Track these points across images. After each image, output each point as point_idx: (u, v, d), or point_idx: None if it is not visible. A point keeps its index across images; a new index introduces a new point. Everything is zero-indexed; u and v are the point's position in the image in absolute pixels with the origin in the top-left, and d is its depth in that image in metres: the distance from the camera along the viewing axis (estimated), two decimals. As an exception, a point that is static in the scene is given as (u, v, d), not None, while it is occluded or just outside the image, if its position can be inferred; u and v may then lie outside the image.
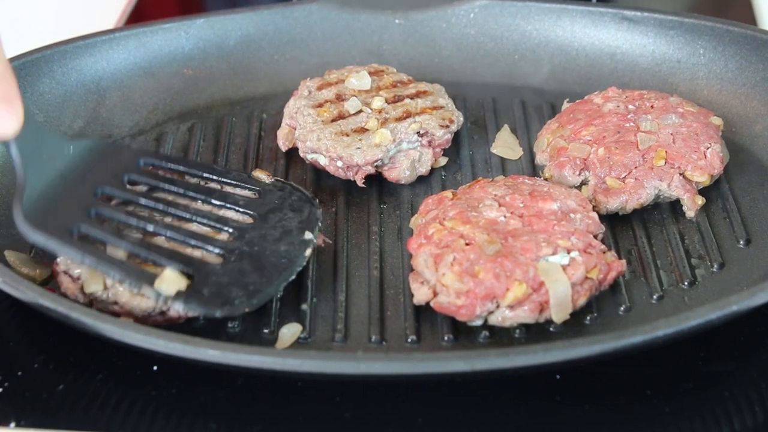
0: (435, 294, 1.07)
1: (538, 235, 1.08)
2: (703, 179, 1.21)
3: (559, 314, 1.05)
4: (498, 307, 1.05)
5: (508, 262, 1.05)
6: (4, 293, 1.05)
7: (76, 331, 1.03)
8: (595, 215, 1.15)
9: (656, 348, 1.00)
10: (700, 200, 1.20)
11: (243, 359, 0.96)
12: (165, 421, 1.01)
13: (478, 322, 1.06)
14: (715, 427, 1.00)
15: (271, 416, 1.01)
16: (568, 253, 1.07)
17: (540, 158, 1.28)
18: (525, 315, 1.05)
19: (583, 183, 1.22)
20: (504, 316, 1.05)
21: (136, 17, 1.76)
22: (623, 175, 1.20)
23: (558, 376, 1.04)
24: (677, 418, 1.01)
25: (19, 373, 1.05)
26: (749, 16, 1.67)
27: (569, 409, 1.02)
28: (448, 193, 1.18)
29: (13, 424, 1.00)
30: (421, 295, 1.08)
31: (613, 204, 1.19)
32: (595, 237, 1.13)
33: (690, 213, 1.20)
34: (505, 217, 1.12)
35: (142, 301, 1.04)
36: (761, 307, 1.02)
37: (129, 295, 1.04)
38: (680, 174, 1.20)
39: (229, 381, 1.03)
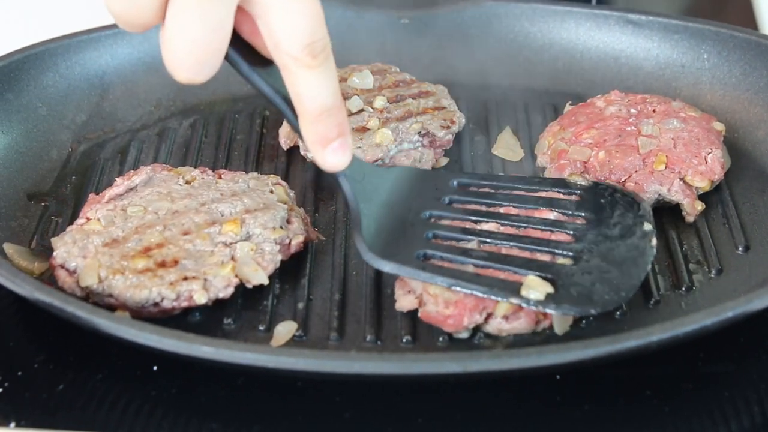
0: (421, 303, 1.06)
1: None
2: (703, 184, 1.21)
3: (561, 326, 1.05)
4: (489, 317, 1.04)
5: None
6: (3, 293, 1.06)
7: (76, 331, 1.03)
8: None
9: (655, 350, 1.00)
10: (700, 205, 1.20)
11: (236, 356, 0.96)
12: (165, 421, 1.01)
13: (465, 335, 1.05)
14: (715, 427, 1.00)
15: (271, 416, 1.01)
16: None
17: (541, 160, 1.28)
18: (521, 326, 1.04)
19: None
20: (500, 328, 1.04)
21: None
22: (623, 179, 1.20)
23: (558, 377, 1.03)
24: (677, 419, 1.00)
25: (19, 373, 1.05)
26: (749, 17, 1.67)
27: (569, 409, 1.02)
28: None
29: (13, 424, 0.99)
30: (405, 302, 1.07)
31: (614, 207, 1.19)
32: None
33: (689, 218, 1.20)
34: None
35: (136, 292, 1.04)
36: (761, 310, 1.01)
37: (122, 287, 1.04)
38: (680, 179, 1.20)
39: (229, 381, 1.03)
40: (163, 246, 1.08)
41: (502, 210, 1.13)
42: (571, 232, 1.09)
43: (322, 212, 1.23)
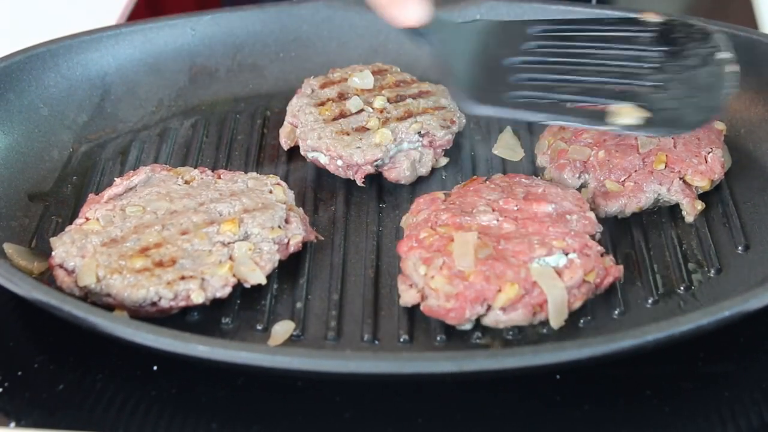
0: (423, 297, 1.06)
1: (531, 237, 1.08)
2: (703, 184, 1.20)
3: (557, 319, 1.05)
4: (489, 309, 1.04)
5: (499, 263, 1.05)
6: (3, 294, 1.06)
7: (76, 331, 1.04)
8: (592, 215, 1.14)
9: (653, 350, 0.99)
10: (700, 205, 1.20)
11: (232, 355, 0.96)
12: (165, 421, 1.01)
13: (468, 327, 1.06)
14: (715, 427, 1.00)
15: (271, 416, 1.01)
16: (566, 254, 1.07)
17: (541, 160, 1.28)
18: (518, 318, 1.05)
19: (583, 186, 1.22)
20: (497, 319, 1.05)
21: (153, 11, 1.77)
22: (623, 179, 1.20)
23: (558, 377, 1.03)
24: (677, 418, 1.00)
25: (19, 373, 1.05)
26: (749, 15, 1.66)
27: (569, 409, 1.01)
28: (440, 194, 1.18)
29: (13, 424, 1.00)
30: (408, 297, 1.08)
31: (612, 207, 1.19)
32: (593, 237, 1.12)
33: (689, 218, 1.19)
34: (498, 220, 1.11)
35: (133, 291, 1.04)
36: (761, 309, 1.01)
37: (120, 286, 1.04)
38: (680, 178, 1.20)
39: (229, 381, 1.03)
40: (161, 245, 1.08)
41: (578, 50, 1.17)
42: (652, 64, 1.14)
43: (321, 213, 1.24)
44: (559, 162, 1.24)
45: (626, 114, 1.06)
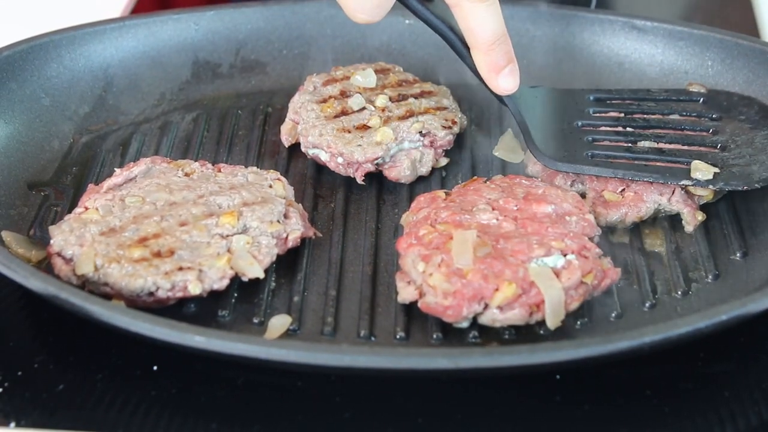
0: (421, 294, 1.06)
1: (530, 237, 1.08)
2: (706, 193, 1.20)
3: (553, 320, 1.04)
4: (486, 308, 1.04)
5: (498, 262, 1.05)
6: (4, 294, 1.06)
7: (76, 331, 1.04)
8: (591, 217, 1.14)
9: (650, 351, 1.00)
10: (701, 216, 1.19)
11: (228, 346, 0.96)
12: (165, 421, 1.01)
13: (465, 324, 1.06)
14: (714, 427, 1.00)
15: (271, 416, 1.01)
16: (564, 255, 1.07)
17: (532, 169, 1.27)
18: (515, 317, 1.04)
19: (580, 194, 1.21)
20: (494, 318, 1.05)
21: (159, 5, 1.77)
22: (620, 189, 1.20)
23: (558, 376, 1.03)
24: (677, 419, 1.00)
25: (19, 373, 1.05)
26: (750, 17, 1.67)
27: (569, 409, 1.02)
28: (441, 193, 1.18)
29: (13, 424, 1.00)
30: (406, 294, 1.07)
31: (613, 216, 1.18)
32: (591, 240, 1.12)
33: (689, 227, 1.19)
34: (497, 219, 1.12)
35: (131, 281, 1.04)
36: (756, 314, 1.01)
37: (118, 275, 1.04)
38: (681, 188, 1.19)
39: (229, 381, 1.03)
40: (160, 236, 1.08)
41: (639, 116, 1.27)
42: (709, 128, 1.24)
43: (320, 209, 1.24)
44: (551, 170, 1.23)
45: (700, 170, 1.16)
